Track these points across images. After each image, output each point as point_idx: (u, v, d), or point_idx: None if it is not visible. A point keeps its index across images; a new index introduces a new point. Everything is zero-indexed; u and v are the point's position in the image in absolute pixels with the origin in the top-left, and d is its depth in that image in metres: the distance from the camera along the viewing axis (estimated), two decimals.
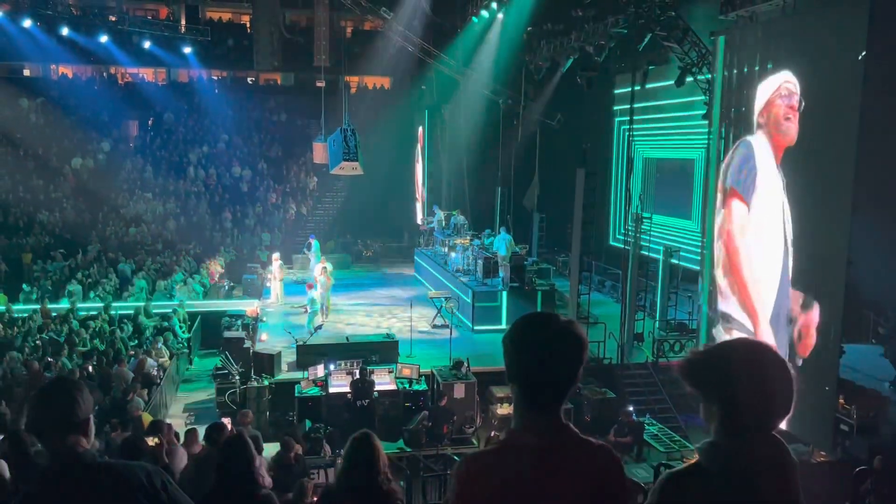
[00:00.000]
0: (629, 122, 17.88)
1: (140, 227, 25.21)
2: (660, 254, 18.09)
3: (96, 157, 28.51)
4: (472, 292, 17.84)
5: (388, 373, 13.72)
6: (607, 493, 2.01)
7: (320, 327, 16.05)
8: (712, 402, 1.94)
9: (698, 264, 15.54)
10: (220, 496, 3.92)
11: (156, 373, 13.89)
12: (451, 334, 15.41)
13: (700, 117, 16.39)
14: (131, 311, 17.59)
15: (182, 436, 9.01)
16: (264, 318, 18.36)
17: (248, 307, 18.50)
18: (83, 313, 17.16)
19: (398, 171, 28.67)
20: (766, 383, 1.88)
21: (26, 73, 32.89)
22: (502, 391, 13.49)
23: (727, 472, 1.87)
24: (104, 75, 32.91)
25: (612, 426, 12.58)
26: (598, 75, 19.40)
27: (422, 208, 27.39)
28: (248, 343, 15.33)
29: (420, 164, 28.16)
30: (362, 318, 18.82)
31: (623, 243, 17.75)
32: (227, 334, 15.83)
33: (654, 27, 16.16)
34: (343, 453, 3.97)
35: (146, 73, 33.29)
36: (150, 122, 31.29)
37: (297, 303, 19.40)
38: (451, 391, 13.00)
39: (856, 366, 13.24)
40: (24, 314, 17.01)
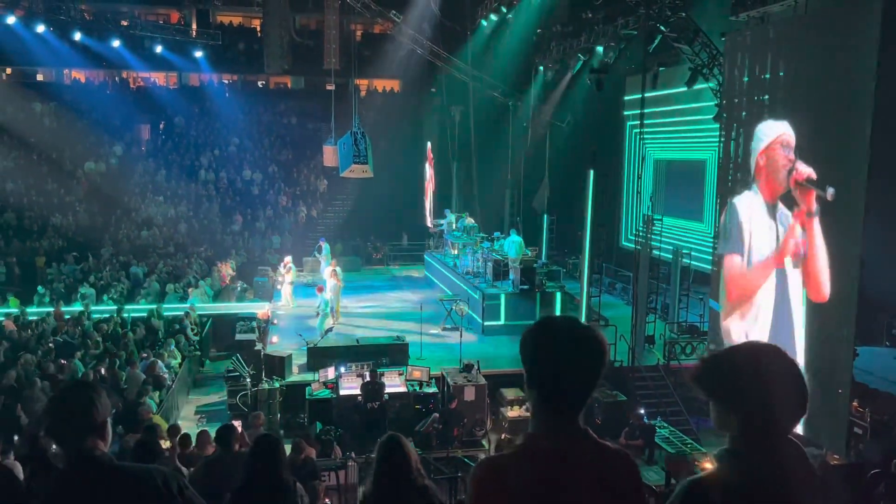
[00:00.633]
0: (640, 124, 17.83)
1: (152, 230, 25.37)
2: (671, 256, 18.04)
3: (108, 161, 28.72)
4: (482, 294, 17.83)
5: (399, 375, 13.73)
6: (625, 499, 1.98)
7: (331, 330, 16.09)
8: (725, 408, 1.92)
9: (710, 266, 15.49)
10: (250, 492, 3.98)
11: (167, 375, 13.96)
12: (461, 336, 15.41)
13: (711, 118, 16.33)
14: (143, 314, 17.70)
15: (194, 438, 9.07)
16: (275, 321, 18.42)
17: (259, 310, 18.57)
18: (96, 316, 17.27)
19: (408, 173, 28.70)
20: (777, 387, 1.86)
21: (40, 77, 33.19)
22: (513, 393, 13.48)
23: (746, 480, 1.85)
24: (116, 80, 33.19)
25: (622, 429, 12.53)
26: (609, 76, 19.36)
27: (431, 211, 27.40)
28: (259, 345, 15.40)
29: (430, 167, 28.18)
30: (372, 320, 18.83)
31: (634, 245, 17.70)
32: (238, 337, 15.91)
33: (664, 28, 16.11)
34: (374, 458, 3.97)
35: (158, 78, 33.53)
36: (162, 125, 31.50)
37: (308, 305, 19.45)
38: (461, 393, 12.99)
39: (869, 368, 13.14)
40: (38, 317, 17.15)
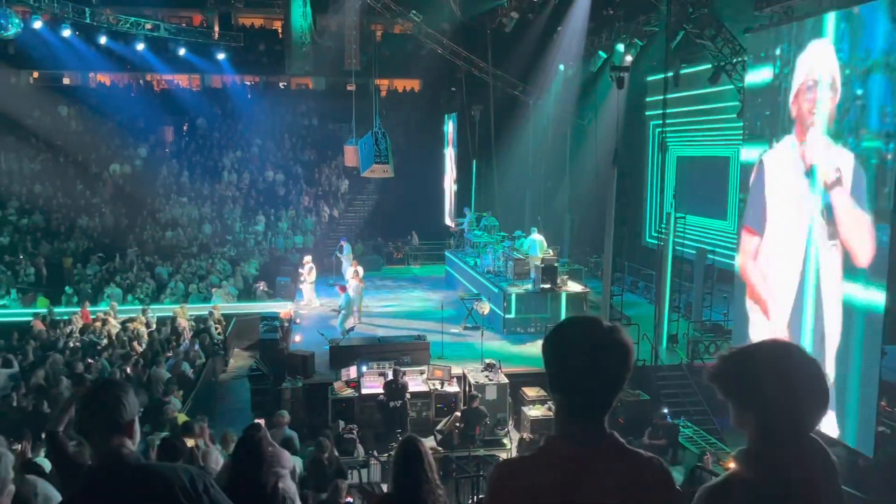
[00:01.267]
0: (662, 121, 17.70)
1: (176, 230, 25.66)
2: (694, 254, 17.89)
3: (133, 163, 29.09)
4: (503, 293, 17.81)
5: (420, 374, 13.77)
6: None
7: (352, 329, 16.16)
8: (743, 408, 1.88)
9: (734, 264, 15.33)
10: (232, 491, 3.99)
11: (192, 374, 14.12)
12: (482, 336, 15.40)
13: (735, 115, 16.17)
14: (168, 314, 17.91)
15: (218, 437, 9.17)
16: (298, 321, 18.55)
17: (282, 309, 18.71)
18: (122, 316, 17.51)
19: (428, 172, 28.74)
20: (796, 385, 1.82)
21: (66, 81, 33.68)
22: (535, 392, 13.45)
23: (767, 480, 1.81)
24: (141, 82, 33.58)
25: (646, 428, 12.45)
26: (630, 74, 19.23)
27: (452, 210, 27.42)
28: (282, 344, 15.52)
29: (450, 166, 28.19)
30: (393, 319, 18.89)
31: (657, 243, 17.58)
32: (261, 336, 16.04)
33: (686, 25, 15.98)
34: (392, 459, 4.00)
35: (181, 80, 33.87)
36: (185, 127, 31.83)
37: (330, 305, 19.57)
38: (482, 393, 12.99)
39: None
40: (66, 316, 17.42)
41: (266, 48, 33.48)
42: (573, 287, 18.29)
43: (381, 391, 12.91)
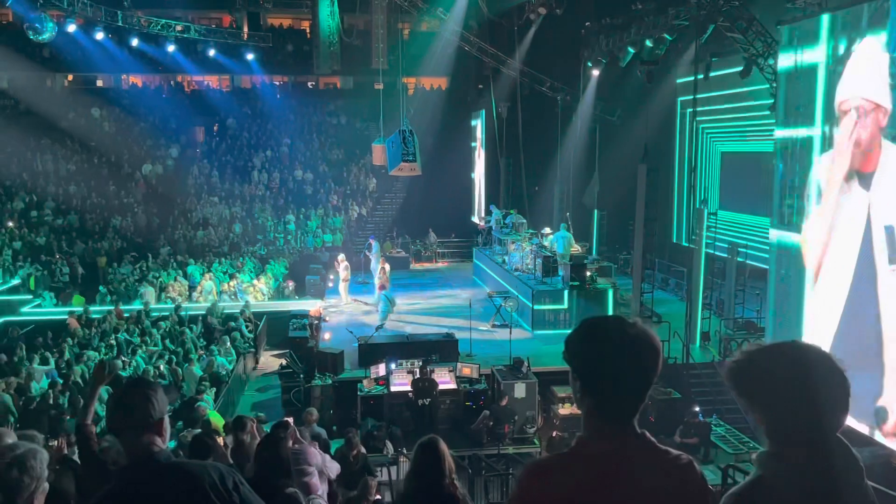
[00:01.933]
0: (692, 116, 17.47)
1: (207, 230, 25.99)
2: (726, 251, 17.63)
3: (165, 163, 29.52)
4: (532, 291, 17.73)
5: (449, 372, 13.76)
6: None
7: (381, 326, 16.22)
8: (760, 410, 1.82)
9: (767, 262, 15.06)
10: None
11: (224, 372, 14.27)
12: (511, 333, 15.35)
13: (767, 108, 15.88)
14: (200, 312, 18.14)
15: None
16: (327, 319, 18.66)
17: (312, 307, 18.84)
18: (155, 314, 17.77)
19: (456, 170, 28.72)
20: (811, 386, 1.75)
21: (99, 83, 34.28)
22: (564, 391, 13.36)
23: (793, 484, 1.76)
24: (172, 84, 34.05)
25: (677, 427, 12.31)
26: (659, 69, 19.02)
27: (479, 207, 27.37)
28: (311, 342, 15.63)
29: (477, 163, 28.14)
30: (422, 317, 18.92)
31: (687, 240, 17.36)
32: (291, 334, 16.18)
33: (716, 18, 15.73)
34: (410, 459, 4.01)
35: (211, 81, 34.27)
36: (216, 127, 32.21)
37: (363, 302, 19.68)
38: (511, 391, 12.95)
39: None
40: (100, 315, 17.73)
41: (294, 48, 33.74)
42: (603, 284, 18.15)
43: (409, 389, 12.94)
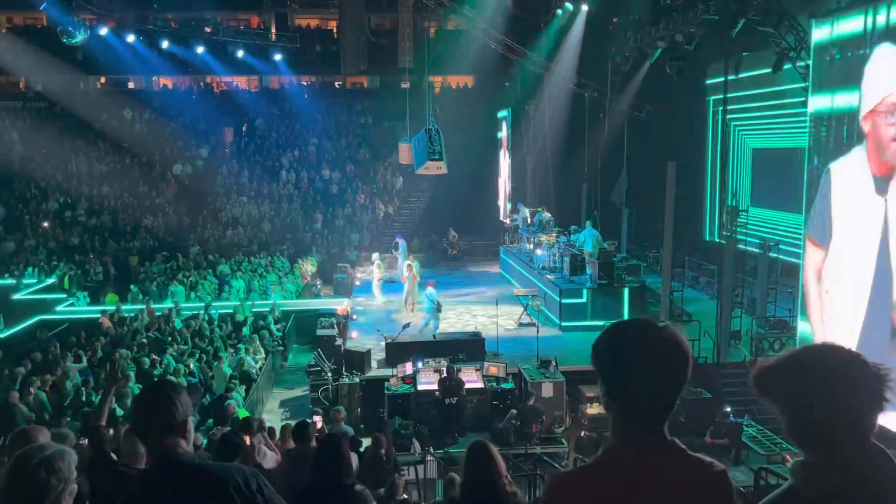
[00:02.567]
0: (723, 112, 17.21)
1: (237, 229, 26.26)
2: (758, 248, 17.35)
3: (195, 164, 29.90)
4: (559, 290, 17.62)
5: (476, 371, 13.72)
6: None
7: (408, 325, 16.23)
8: (790, 416, 1.76)
9: (800, 259, 14.78)
10: (315, 491, 4.06)
11: (253, 370, 14.40)
12: (538, 332, 15.27)
13: (800, 102, 15.59)
14: (230, 310, 18.33)
15: (278, 431, 9.33)
16: (354, 317, 18.73)
17: (339, 306, 18.93)
18: (185, 313, 17.99)
19: (482, 168, 28.67)
20: (842, 390, 1.68)
21: (131, 85, 34.85)
22: (592, 390, 13.23)
23: (828, 494, 1.70)
24: (201, 85, 34.48)
25: (708, 427, 12.15)
26: (689, 64, 18.76)
27: (506, 205, 27.29)
28: (339, 341, 15.71)
29: (504, 161, 28.05)
30: (449, 315, 18.90)
31: (718, 238, 17.11)
32: (319, 332, 16.27)
33: (748, 12, 15.47)
34: (463, 465, 4.01)
35: (240, 82, 34.63)
36: (245, 128, 32.55)
37: (395, 301, 19.74)
38: (539, 390, 12.87)
39: None
40: (132, 314, 18.00)
41: (322, 48, 33.94)
42: (631, 283, 17.98)
43: (436, 388, 12.93)
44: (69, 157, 29.01)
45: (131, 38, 26.86)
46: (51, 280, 21.88)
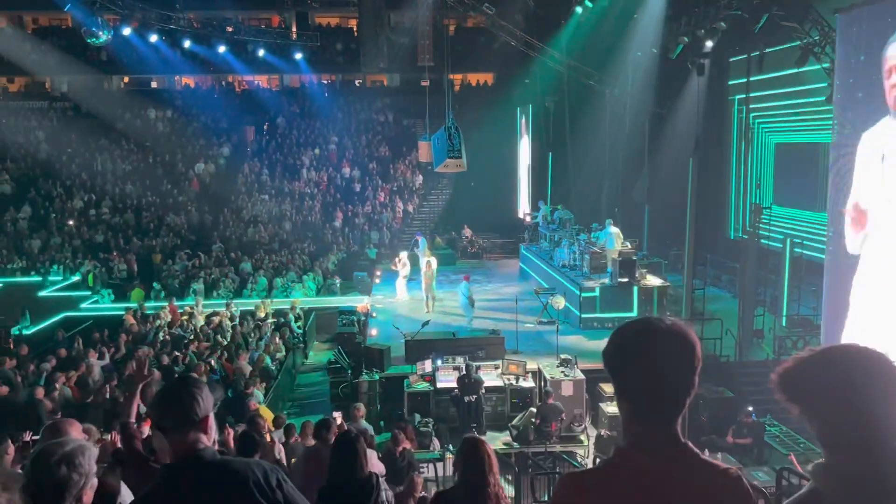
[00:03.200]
0: (745, 108, 17.02)
1: (258, 227, 26.45)
2: (781, 245, 17.14)
3: (217, 162, 30.15)
4: (579, 287, 17.54)
5: (495, 369, 13.71)
6: None
7: (427, 323, 16.23)
8: (813, 418, 1.73)
9: (823, 256, 14.58)
10: (333, 487, 4.09)
11: (273, 367, 14.50)
12: (558, 330, 15.22)
13: (823, 99, 15.38)
14: (251, 308, 18.48)
15: (298, 428, 9.39)
16: (374, 315, 18.80)
17: (359, 303, 18.99)
18: (207, 310, 18.16)
19: (502, 166, 28.62)
20: (867, 392, 1.65)
21: (154, 84, 35.21)
22: (612, 389, 13.18)
23: (851, 496, 1.67)
24: (223, 84, 34.77)
25: (729, 427, 12.04)
26: (711, 60, 18.56)
27: (526, 203, 27.20)
28: (359, 338, 15.77)
29: (524, 159, 27.97)
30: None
31: (741, 235, 16.93)
32: (339, 329, 16.35)
33: (771, 6, 15.29)
34: (454, 459, 4.04)
35: (261, 80, 34.87)
36: (266, 126, 32.76)
37: (419, 299, 19.78)
38: (558, 388, 12.83)
39: None
40: (155, 311, 18.21)
41: (342, 47, 34.06)
42: (653, 281, 17.86)
43: (455, 386, 12.93)
44: (94, 156, 29.40)
45: (154, 38, 27.12)
46: (76, 277, 22.19)
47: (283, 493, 2.41)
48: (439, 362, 13.61)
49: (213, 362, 13.89)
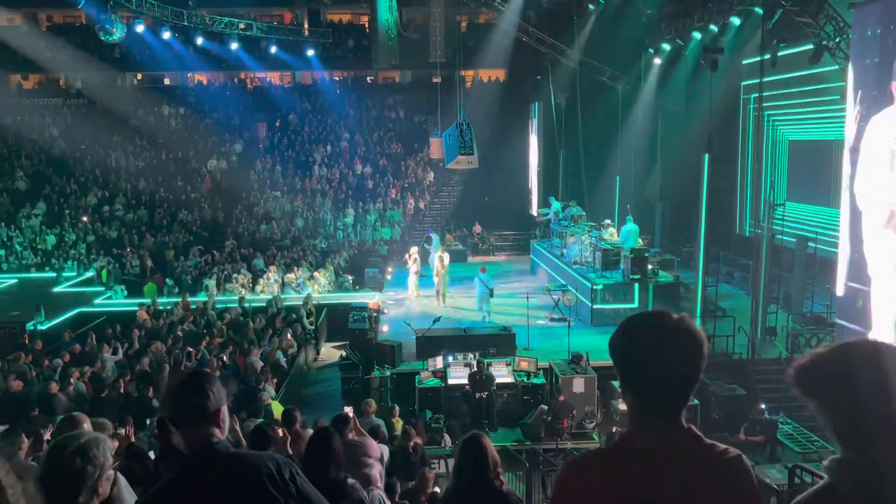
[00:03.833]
0: (759, 104, 16.90)
1: (270, 223, 26.54)
2: (794, 242, 17.04)
3: (230, 159, 30.27)
4: (591, 284, 17.50)
5: (506, 365, 13.70)
6: None
7: (439, 319, 16.24)
8: (830, 413, 1.72)
9: (836, 252, 14.47)
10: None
11: (285, 362, 14.55)
12: (569, 327, 15.19)
13: (838, 96, 15.25)
14: (263, 304, 18.54)
15: (310, 424, 9.42)
16: (385, 311, 18.82)
17: (371, 300, 19.03)
18: (219, 306, 18.25)
19: (513, 163, 28.55)
20: (883, 386, 1.64)
21: (166, 81, 35.38)
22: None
23: (866, 492, 1.66)
24: (235, 81, 34.89)
25: (742, 424, 11.99)
26: (724, 56, 18.43)
27: (537, 200, 27.14)
28: (370, 334, 15.80)
29: (535, 156, 27.89)
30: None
31: (754, 232, 16.83)
32: (351, 326, 16.39)
33: (785, 1, 15.17)
34: (454, 455, 4.02)
35: (273, 77, 34.95)
36: (278, 123, 32.85)
37: (431, 295, 19.82)
38: (570, 385, 12.82)
39: None
40: (168, 307, 18.32)
41: (354, 43, 34.09)
42: (665, 277, 17.78)
43: (466, 382, 12.94)
44: (107, 153, 29.60)
45: (167, 35, 27.25)
46: (89, 273, 22.35)
47: (296, 486, 2.43)
48: (451, 359, 13.62)
49: (225, 357, 13.96)
